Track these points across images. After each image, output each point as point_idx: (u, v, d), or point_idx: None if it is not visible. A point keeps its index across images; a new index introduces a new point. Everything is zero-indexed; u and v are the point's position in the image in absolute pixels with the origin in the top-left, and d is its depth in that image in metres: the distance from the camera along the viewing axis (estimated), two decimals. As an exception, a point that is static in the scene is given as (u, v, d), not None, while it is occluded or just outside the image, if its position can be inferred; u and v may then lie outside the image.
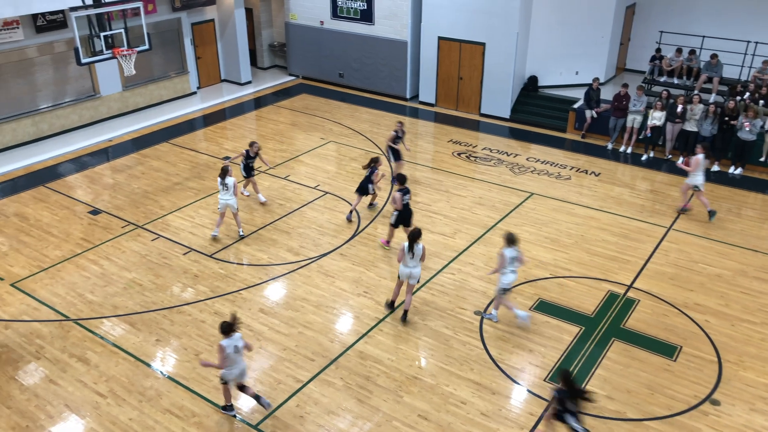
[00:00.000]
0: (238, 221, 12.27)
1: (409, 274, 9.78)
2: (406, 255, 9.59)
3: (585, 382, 8.86)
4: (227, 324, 7.68)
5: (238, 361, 7.83)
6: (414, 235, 9.59)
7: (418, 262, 9.74)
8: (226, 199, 11.85)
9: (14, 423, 8.12)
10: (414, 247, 9.55)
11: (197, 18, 20.05)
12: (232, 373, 7.84)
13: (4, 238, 12.28)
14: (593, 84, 16.85)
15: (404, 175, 11.93)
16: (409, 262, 9.68)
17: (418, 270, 9.81)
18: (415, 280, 9.88)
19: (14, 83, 16.01)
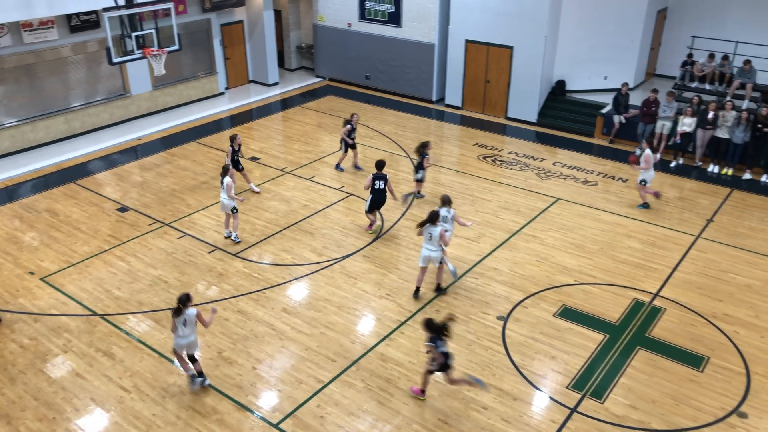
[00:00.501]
0: (234, 224, 12.14)
1: (429, 257, 10.08)
2: (425, 234, 9.89)
3: (608, 391, 8.75)
4: (180, 299, 8.22)
5: (185, 333, 8.29)
6: (432, 217, 9.82)
7: (436, 245, 9.90)
8: (221, 198, 11.91)
9: (42, 414, 8.28)
10: (430, 228, 9.78)
11: (227, 19, 20.27)
12: (177, 343, 8.37)
13: (35, 234, 12.53)
14: (622, 89, 16.65)
15: (383, 161, 12.42)
16: (427, 244, 9.93)
17: (437, 254, 10.03)
18: (437, 262, 10.17)
19: (48, 82, 16.35)
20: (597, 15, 18.02)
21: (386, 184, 12.23)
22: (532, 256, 11.86)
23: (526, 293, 10.81)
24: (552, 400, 8.64)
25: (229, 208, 11.92)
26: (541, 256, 11.89)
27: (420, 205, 13.71)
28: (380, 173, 12.25)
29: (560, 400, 8.61)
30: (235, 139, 13.69)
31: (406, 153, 16.38)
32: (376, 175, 12.18)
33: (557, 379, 8.98)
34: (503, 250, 12.06)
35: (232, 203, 11.84)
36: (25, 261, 11.62)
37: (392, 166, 15.56)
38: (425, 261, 10.20)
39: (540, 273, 11.37)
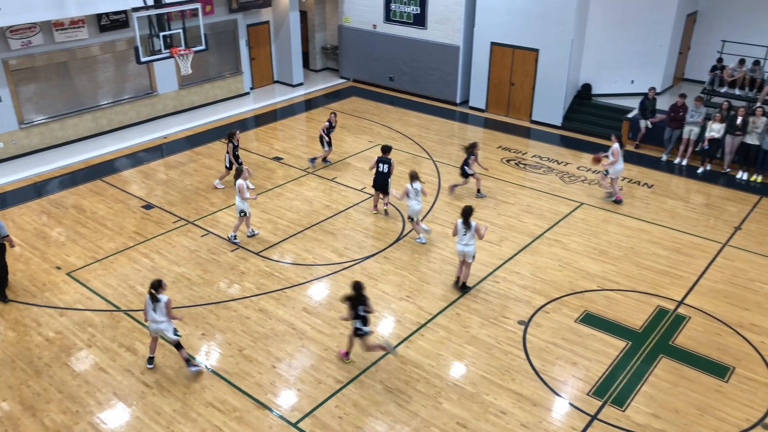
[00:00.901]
0: (237, 225, 12.22)
1: (464, 252, 10.40)
2: (460, 231, 10.20)
3: (630, 399, 8.64)
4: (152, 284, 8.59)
5: (154, 317, 8.66)
6: (466, 212, 10.15)
7: (471, 239, 10.21)
8: (236, 200, 11.98)
9: (65, 407, 8.41)
10: (466, 224, 10.11)
11: (253, 20, 20.44)
12: (149, 326, 8.81)
13: (62, 229, 12.75)
14: (649, 93, 16.44)
15: (389, 146, 13.10)
16: (463, 239, 10.23)
17: (471, 248, 10.34)
18: (471, 257, 10.47)
19: (77, 80, 16.63)
20: (625, 18, 17.82)
21: (389, 168, 12.82)
22: (554, 261, 11.76)
23: (547, 298, 10.72)
24: (572, 406, 8.55)
25: (238, 209, 11.98)
26: (563, 261, 11.78)
27: (442, 209, 13.67)
28: (384, 157, 12.89)
29: (580, 407, 8.52)
30: (234, 135, 14.00)
31: (428, 155, 16.36)
32: (381, 159, 12.85)
33: (578, 385, 8.89)
34: (525, 254, 11.98)
35: (242, 206, 11.90)
36: (52, 256, 11.83)
37: (414, 168, 15.49)
38: (461, 255, 10.57)
39: (562, 278, 11.26)
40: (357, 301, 8.65)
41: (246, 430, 8.09)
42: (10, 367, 9.10)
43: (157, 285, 8.59)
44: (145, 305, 8.69)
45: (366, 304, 8.70)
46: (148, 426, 8.13)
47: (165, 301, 8.62)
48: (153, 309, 8.63)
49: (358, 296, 8.66)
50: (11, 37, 14.87)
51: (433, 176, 15.16)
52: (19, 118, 15.69)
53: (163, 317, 8.65)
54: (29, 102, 15.86)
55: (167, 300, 8.65)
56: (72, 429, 8.08)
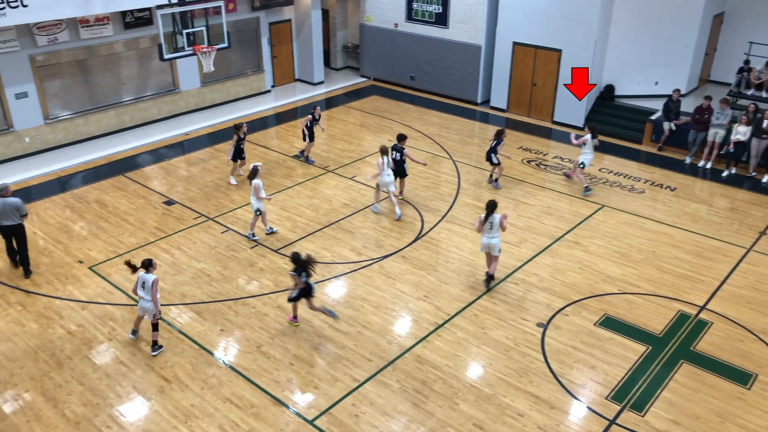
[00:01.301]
0: (253, 223, 12.29)
1: (488, 245, 10.56)
2: (485, 225, 10.36)
3: (649, 404, 8.53)
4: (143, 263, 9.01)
5: (141, 295, 9.03)
6: (490, 206, 10.33)
7: (496, 232, 10.43)
8: (251, 199, 12.06)
9: (86, 400, 8.53)
10: (490, 218, 10.29)
11: (275, 18, 20.53)
12: (138, 304, 9.21)
13: (84, 224, 12.91)
14: (673, 95, 16.22)
15: (403, 135, 13.42)
16: (487, 232, 10.42)
17: (495, 241, 10.53)
18: (496, 250, 10.63)
19: (101, 76, 16.83)
20: (650, 19, 17.60)
21: (402, 155, 13.25)
22: (574, 263, 11.66)
23: (567, 301, 10.64)
24: (590, 410, 8.48)
25: (253, 208, 12.05)
26: (583, 263, 11.68)
27: (461, 209, 13.63)
28: (397, 145, 13.27)
29: (599, 411, 8.44)
30: (241, 127, 14.16)
31: (448, 155, 16.31)
32: (394, 147, 13.29)
33: (596, 389, 8.81)
34: (545, 256, 11.89)
35: (257, 204, 11.96)
36: (75, 250, 11.99)
37: (434, 168, 15.53)
38: (486, 248, 10.67)
39: (582, 281, 11.17)
40: (300, 269, 9.36)
41: (263, 426, 8.13)
42: (33, 358, 9.25)
43: (148, 264, 9.00)
44: (136, 282, 9.14)
45: (307, 270, 9.38)
46: (166, 420, 8.21)
47: (152, 281, 8.96)
48: (141, 286, 9.06)
49: (299, 264, 9.34)
50: (38, 33, 15.10)
51: (453, 176, 15.11)
52: (44, 114, 15.93)
53: (149, 296, 9.01)
54: (54, 98, 16.09)
55: (154, 279, 8.98)
56: (92, 421, 8.19)
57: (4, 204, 10.67)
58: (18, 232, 10.92)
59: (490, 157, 14.25)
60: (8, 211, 10.71)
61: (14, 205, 10.73)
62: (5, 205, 10.67)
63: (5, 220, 10.75)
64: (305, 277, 9.43)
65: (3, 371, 8.99)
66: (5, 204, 10.67)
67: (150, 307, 9.07)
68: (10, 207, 10.71)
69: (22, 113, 15.50)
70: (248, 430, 8.08)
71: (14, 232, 10.91)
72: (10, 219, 10.77)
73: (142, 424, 8.15)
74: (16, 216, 10.79)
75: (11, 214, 10.74)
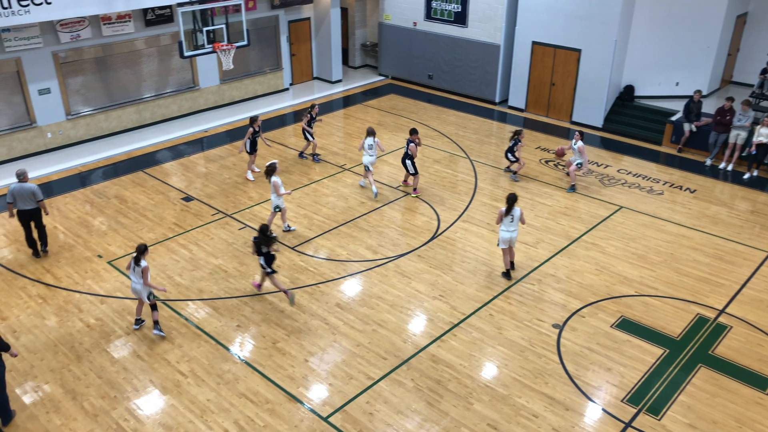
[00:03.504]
0: (269, 219, 12.34)
1: (510, 238, 10.77)
2: (505, 218, 10.59)
3: (666, 408, 8.46)
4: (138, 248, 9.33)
5: (134, 279, 9.40)
6: (510, 200, 10.58)
7: (516, 225, 10.67)
8: (271, 197, 12.14)
9: (104, 392, 8.63)
10: (511, 211, 10.52)
11: (294, 16, 20.60)
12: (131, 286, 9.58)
13: (104, 219, 13.06)
14: (694, 96, 16.04)
15: (414, 129, 13.83)
16: (509, 226, 10.64)
17: (516, 233, 10.81)
18: (514, 243, 10.95)
19: (122, 73, 17.01)
20: (671, 19, 17.42)
21: (407, 149, 13.75)
22: (591, 265, 11.59)
23: (583, 302, 10.57)
24: (605, 412, 8.42)
25: (273, 205, 12.11)
26: (601, 264, 11.60)
27: (477, 209, 13.60)
28: (409, 138, 13.74)
29: (614, 414, 8.38)
30: (256, 120, 14.23)
31: (465, 154, 16.27)
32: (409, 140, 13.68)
33: (612, 391, 8.75)
34: (562, 257, 11.83)
35: (277, 201, 12.02)
36: (95, 244, 12.13)
37: (451, 167, 15.51)
38: (506, 242, 10.83)
39: (599, 282, 11.09)
40: (260, 241, 9.96)
41: (277, 422, 8.19)
42: (53, 351, 9.38)
43: (143, 249, 9.34)
44: (129, 265, 9.50)
45: (268, 244, 9.95)
46: (182, 414, 8.29)
47: (142, 267, 9.26)
48: (132, 270, 9.39)
49: (262, 237, 9.95)
50: (61, 30, 15.29)
51: (470, 175, 15.08)
52: (66, 110, 16.13)
53: (139, 280, 9.32)
54: (76, 94, 16.29)
55: (144, 266, 9.27)
56: (110, 413, 8.29)
57: (21, 189, 11.16)
58: (35, 216, 11.44)
59: (507, 156, 14.67)
60: (25, 195, 11.19)
61: (30, 190, 11.21)
62: (22, 189, 11.17)
63: (23, 205, 11.25)
64: (261, 251, 10.05)
65: (24, 363, 9.13)
66: (22, 189, 11.17)
67: (140, 288, 9.42)
68: (27, 192, 11.19)
69: (44, 109, 15.72)
70: (263, 425, 8.13)
71: (31, 216, 11.41)
72: (27, 203, 11.26)
73: (158, 418, 8.23)
74: (32, 201, 11.26)
75: (28, 199, 11.23)
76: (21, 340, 9.59)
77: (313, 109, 15.46)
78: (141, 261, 9.26)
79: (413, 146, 13.61)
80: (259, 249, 10.09)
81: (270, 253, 10.11)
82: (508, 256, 11.09)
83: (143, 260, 9.28)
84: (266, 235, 9.99)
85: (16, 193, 11.16)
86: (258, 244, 10.09)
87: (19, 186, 11.17)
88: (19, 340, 9.57)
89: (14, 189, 11.18)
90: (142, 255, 9.30)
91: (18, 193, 11.16)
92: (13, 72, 15.03)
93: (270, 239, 10.02)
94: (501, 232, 10.80)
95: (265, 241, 10.01)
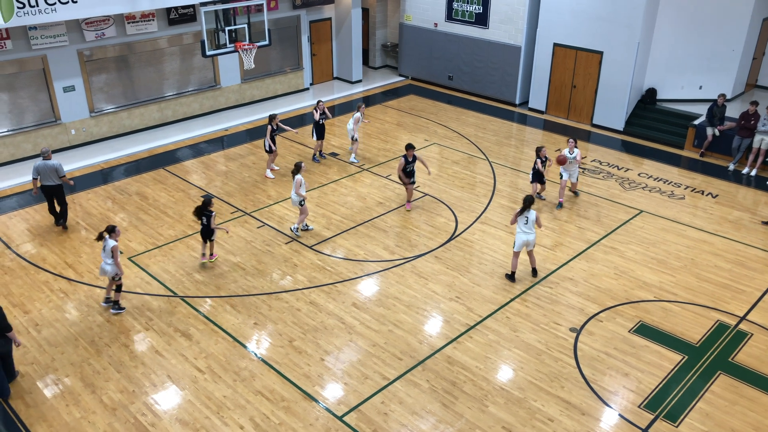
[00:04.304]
0: (301, 218, 12.36)
1: (526, 241, 10.74)
2: (520, 220, 10.63)
3: (684, 415, 8.37)
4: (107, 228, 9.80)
5: (103, 257, 9.85)
6: (527, 201, 10.56)
7: (531, 228, 10.64)
8: (292, 194, 12.22)
9: (123, 387, 8.75)
10: (526, 212, 10.54)
11: (315, 16, 20.69)
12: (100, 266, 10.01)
13: (125, 215, 13.23)
14: (718, 100, 15.85)
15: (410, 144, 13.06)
16: (524, 228, 10.65)
17: (533, 236, 10.75)
18: (532, 245, 10.86)
19: (145, 71, 17.21)
20: (696, 22, 17.22)
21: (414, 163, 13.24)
22: (610, 269, 11.50)
23: (601, 306, 10.50)
24: (622, 418, 8.36)
25: (294, 202, 12.19)
26: (619, 269, 11.50)
27: (495, 211, 13.55)
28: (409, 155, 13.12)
29: (631, 419, 8.31)
30: (275, 118, 14.32)
31: (484, 155, 16.22)
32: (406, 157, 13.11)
33: (629, 396, 8.68)
34: (580, 261, 11.75)
35: (298, 199, 12.12)
36: (116, 240, 12.29)
37: (470, 169, 15.47)
38: (521, 245, 10.79)
39: (618, 286, 11.00)
40: (200, 212, 10.91)
41: (293, 420, 8.23)
42: (74, 344, 9.53)
43: (110, 230, 9.77)
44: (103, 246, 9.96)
45: (206, 214, 10.87)
46: (198, 410, 8.37)
47: (110, 246, 9.66)
48: (103, 249, 9.82)
49: (202, 207, 10.90)
50: (86, 28, 15.52)
51: (488, 177, 15.04)
52: (90, 107, 16.36)
53: (109, 259, 9.76)
54: (100, 91, 16.51)
55: (113, 246, 9.67)
56: (128, 407, 8.40)
57: (45, 166, 12.05)
58: (58, 191, 12.33)
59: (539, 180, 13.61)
60: (49, 172, 12.08)
61: (53, 167, 12.11)
62: (46, 167, 12.06)
63: (46, 181, 12.14)
64: (205, 221, 10.97)
65: (45, 356, 9.29)
66: (46, 166, 12.06)
67: (109, 269, 9.82)
68: (51, 169, 12.08)
69: (69, 106, 15.97)
70: (278, 423, 8.19)
71: (54, 191, 12.30)
72: (51, 180, 12.14)
73: (175, 413, 8.32)
74: (55, 177, 12.14)
75: (51, 176, 12.11)
76: (42, 333, 9.75)
77: (319, 105, 15.37)
78: (108, 240, 9.69)
79: (402, 161, 13.02)
80: (201, 218, 11.01)
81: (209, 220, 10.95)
82: (515, 259, 11.02)
83: (110, 240, 9.70)
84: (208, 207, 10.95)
85: (41, 169, 12.03)
86: (198, 213, 11.00)
87: (43, 163, 12.02)
88: (41, 333, 9.74)
89: (38, 166, 12.05)
90: (113, 234, 9.74)
91: (42, 169, 12.02)
92: (39, 69, 15.29)
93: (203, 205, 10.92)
94: (517, 234, 10.78)
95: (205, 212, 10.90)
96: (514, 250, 10.93)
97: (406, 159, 13.06)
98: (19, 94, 15.20)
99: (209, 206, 11.07)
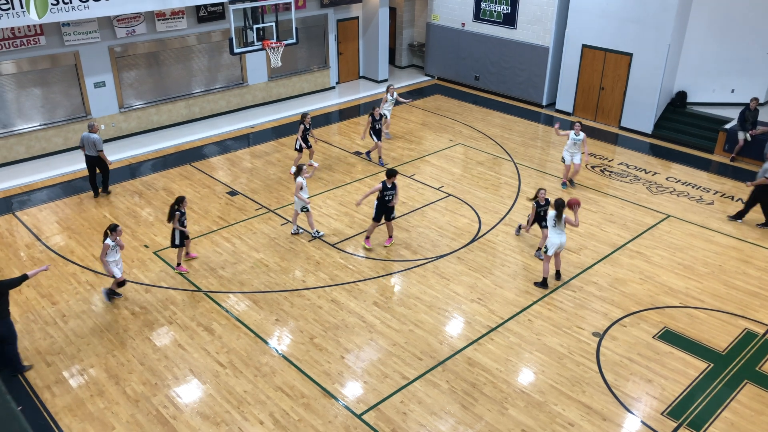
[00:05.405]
0: (310, 221, 12.21)
1: (561, 243, 10.70)
2: (550, 222, 10.63)
3: (708, 423, 8.23)
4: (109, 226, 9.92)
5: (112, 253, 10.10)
6: (559, 204, 10.55)
7: (563, 228, 10.66)
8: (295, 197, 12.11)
9: (145, 379, 8.88)
10: (559, 216, 10.52)
11: (343, 15, 20.74)
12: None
13: (151, 210, 13.41)
14: (751, 104, 15.52)
15: (393, 170, 11.56)
16: (556, 230, 10.61)
17: (565, 237, 10.83)
18: (563, 247, 10.91)
19: (174, 68, 17.42)
20: (729, 24, 16.89)
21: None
22: (635, 274, 11.34)
23: (625, 311, 10.36)
24: (644, 424, 8.24)
25: (299, 207, 12.12)
26: (645, 274, 11.34)
27: (520, 212, 13.45)
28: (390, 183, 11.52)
29: (653, 426, 8.19)
30: (306, 116, 14.37)
31: (510, 157, 16.12)
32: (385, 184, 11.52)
33: (652, 403, 8.55)
34: (605, 265, 11.61)
35: (302, 203, 11.99)
36: (141, 234, 12.47)
37: (494, 170, 15.38)
38: (555, 248, 10.72)
39: (643, 291, 10.85)
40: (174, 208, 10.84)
41: (312, 416, 8.27)
42: (99, 336, 9.69)
43: (112, 228, 9.91)
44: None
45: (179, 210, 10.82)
46: (219, 404, 8.46)
47: (104, 243, 9.90)
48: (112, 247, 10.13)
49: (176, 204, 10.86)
50: (117, 25, 15.76)
51: (513, 178, 14.94)
52: (119, 103, 16.62)
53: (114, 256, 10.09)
54: (130, 87, 16.76)
55: (105, 243, 9.88)
56: (150, 400, 8.52)
57: (87, 137, 13.32)
58: (98, 162, 13.54)
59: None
60: (89, 143, 13.32)
61: (93, 140, 13.27)
62: (88, 138, 13.31)
63: (87, 151, 13.44)
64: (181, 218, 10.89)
65: (71, 347, 9.46)
66: (88, 137, 13.31)
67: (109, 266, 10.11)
68: (91, 141, 13.29)
69: (99, 102, 16.23)
70: (298, 419, 8.23)
71: (94, 162, 13.52)
72: (90, 150, 13.38)
73: (196, 407, 8.42)
74: (93, 148, 13.32)
75: (91, 146, 13.32)
76: (69, 324, 9.94)
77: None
78: (107, 240, 9.85)
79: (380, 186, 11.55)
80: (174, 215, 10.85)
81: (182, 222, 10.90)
82: (548, 264, 10.89)
83: (107, 238, 9.86)
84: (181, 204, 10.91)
85: (84, 139, 13.37)
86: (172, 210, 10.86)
87: (86, 134, 13.33)
88: (68, 324, 9.92)
89: (83, 136, 13.38)
90: (112, 233, 9.88)
91: (85, 140, 13.34)
92: (71, 65, 15.57)
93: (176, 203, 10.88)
94: (551, 237, 10.67)
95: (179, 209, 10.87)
96: (547, 254, 10.78)
97: (384, 185, 11.51)
98: (52, 89, 15.50)
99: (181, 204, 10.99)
